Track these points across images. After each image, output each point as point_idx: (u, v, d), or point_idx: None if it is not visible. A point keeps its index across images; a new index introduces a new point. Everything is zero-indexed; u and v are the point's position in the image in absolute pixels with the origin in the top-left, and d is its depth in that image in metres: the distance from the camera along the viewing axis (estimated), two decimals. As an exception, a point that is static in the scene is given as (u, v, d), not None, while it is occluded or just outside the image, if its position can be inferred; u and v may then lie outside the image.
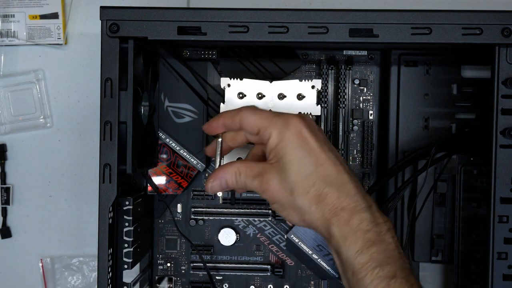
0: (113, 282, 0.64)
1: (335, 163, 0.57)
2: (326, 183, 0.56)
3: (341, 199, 0.56)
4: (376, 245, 0.55)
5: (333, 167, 0.57)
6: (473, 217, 0.70)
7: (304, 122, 0.57)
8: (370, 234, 0.55)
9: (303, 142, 0.57)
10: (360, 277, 0.54)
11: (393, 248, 0.55)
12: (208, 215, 0.76)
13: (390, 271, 0.54)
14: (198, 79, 0.73)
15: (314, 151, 0.57)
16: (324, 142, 0.58)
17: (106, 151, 0.61)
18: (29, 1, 0.80)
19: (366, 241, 0.55)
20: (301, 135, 0.57)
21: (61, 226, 0.82)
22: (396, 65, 0.72)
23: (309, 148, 0.57)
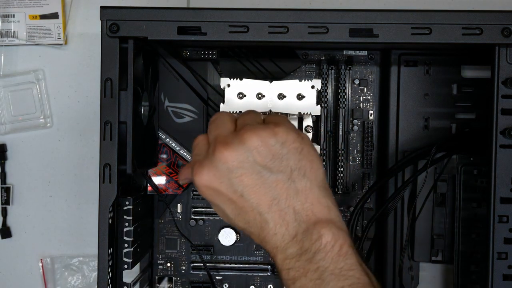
0: (113, 282, 0.64)
1: (251, 208, 0.53)
2: (247, 227, 0.55)
3: (264, 242, 0.54)
4: (300, 281, 0.52)
5: (250, 213, 0.54)
6: (473, 217, 0.70)
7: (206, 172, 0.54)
8: (293, 271, 0.52)
9: (212, 193, 0.54)
10: None
11: (319, 275, 0.51)
12: (208, 215, 0.76)
13: None
14: (198, 79, 0.73)
15: (225, 200, 0.54)
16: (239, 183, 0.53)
17: (106, 151, 0.61)
18: (29, 1, 0.80)
19: (289, 279, 0.52)
20: (207, 187, 0.54)
21: (61, 226, 0.82)
22: (396, 65, 0.72)
23: (220, 199, 0.55)
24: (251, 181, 0.53)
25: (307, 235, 0.52)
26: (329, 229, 0.52)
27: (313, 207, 0.53)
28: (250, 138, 0.53)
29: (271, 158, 0.53)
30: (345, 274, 0.51)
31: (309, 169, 0.54)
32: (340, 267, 0.51)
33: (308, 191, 0.53)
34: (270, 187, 0.53)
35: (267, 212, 0.53)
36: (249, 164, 0.53)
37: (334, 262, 0.51)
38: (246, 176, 0.53)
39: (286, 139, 0.53)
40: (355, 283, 0.50)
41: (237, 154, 0.53)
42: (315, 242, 0.52)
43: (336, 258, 0.51)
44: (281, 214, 0.53)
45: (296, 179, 0.53)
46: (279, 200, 0.53)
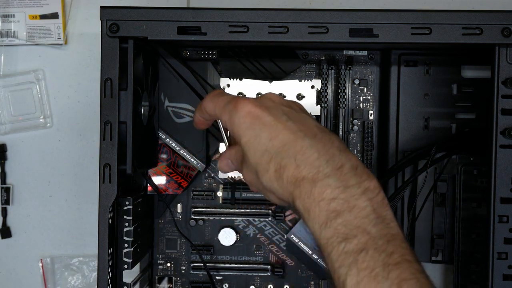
0: (113, 282, 0.64)
1: (293, 131, 0.52)
2: (283, 154, 0.51)
3: (300, 168, 0.51)
4: (343, 215, 0.48)
5: (290, 135, 0.52)
6: (473, 217, 0.70)
7: (252, 103, 0.54)
8: (335, 203, 0.49)
9: (254, 120, 0.53)
10: (327, 253, 0.48)
11: (367, 214, 0.48)
12: (208, 215, 0.76)
13: (358, 243, 0.47)
14: (198, 79, 0.73)
15: (268, 125, 0.53)
16: (282, 113, 0.54)
17: (106, 151, 0.61)
18: (29, 1, 0.80)
19: (330, 212, 0.48)
20: (251, 114, 0.53)
21: (61, 226, 0.82)
22: (396, 65, 0.72)
23: (262, 124, 0.53)
24: (298, 116, 0.54)
25: (355, 172, 0.50)
26: (374, 177, 0.50)
27: (351, 155, 0.52)
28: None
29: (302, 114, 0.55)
30: (389, 224, 0.48)
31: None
32: (383, 215, 0.49)
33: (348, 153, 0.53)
34: (315, 126, 0.53)
35: (312, 138, 0.52)
36: (295, 109, 0.55)
37: (379, 207, 0.49)
38: (292, 113, 0.54)
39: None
40: (397, 235, 0.48)
41: (280, 98, 0.56)
42: (365, 181, 0.49)
43: (380, 204, 0.49)
44: (326, 145, 0.51)
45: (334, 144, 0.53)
46: (323, 135, 0.52)
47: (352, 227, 0.48)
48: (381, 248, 0.47)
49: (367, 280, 0.46)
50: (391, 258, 0.46)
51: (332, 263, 0.48)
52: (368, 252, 0.46)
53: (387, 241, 0.47)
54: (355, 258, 0.47)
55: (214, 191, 0.76)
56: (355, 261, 0.46)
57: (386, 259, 0.46)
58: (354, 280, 0.46)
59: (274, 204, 0.75)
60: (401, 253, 0.47)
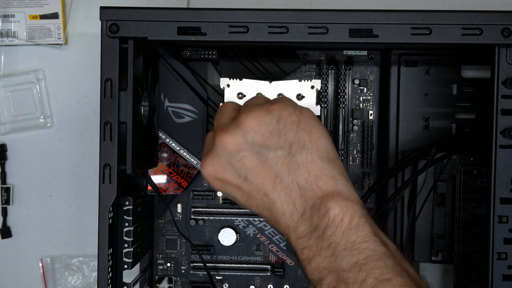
0: (113, 282, 0.64)
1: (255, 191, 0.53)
2: (261, 214, 0.54)
3: (276, 225, 0.53)
4: (314, 260, 0.50)
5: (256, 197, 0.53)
6: (473, 217, 0.70)
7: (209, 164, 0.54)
8: (307, 251, 0.51)
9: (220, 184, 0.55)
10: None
11: (332, 252, 0.49)
12: (208, 215, 0.76)
13: (330, 283, 0.49)
14: (198, 79, 0.73)
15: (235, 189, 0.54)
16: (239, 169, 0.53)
17: (106, 151, 0.61)
18: (29, 1, 0.80)
19: (304, 259, 0.51)
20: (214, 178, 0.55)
21: (61, 226, 0.82)
22: (396, 65, 0.72)
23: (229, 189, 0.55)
24: (252, 163, 0.52)
25: (315, 210, 0.50)
26: (335, 202, 0.50)
27: (317, 180, 0.51)
28: (245, 120, 0.53)
29: (268, 135, 0.52)
30: (358, 248, 0.48)
31: (308, 140, 0.52)
32: (352, 241, 0.49)
33: (310, 164, 0.52)
34: (271, 165, 0.52)
35: (272, 191, 0.52)
36: (248, 145, 0.52)
37: (346, 236, 0.49)
38: (246, 158, 0.52)
39: (281, 114, 0.53)
40: (370, 256, 0.48)
41: (235, 137, 0.53)
42: (323, 217, 0.50)
43: (347, 231, 0.49)
44: (287, 191, 0.51)
45: (295, 153, 0.52)
46: (282, 177, 0.52)
47: (322, 269, 0.49)
48: (352, 280, 0.47)
49: None
50: (364, 286, 0.47)
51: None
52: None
53: (358, 270, 0.47)
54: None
55: (214, 191, 0.76)
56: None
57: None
58: None
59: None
60: (376, 275, 0.47)
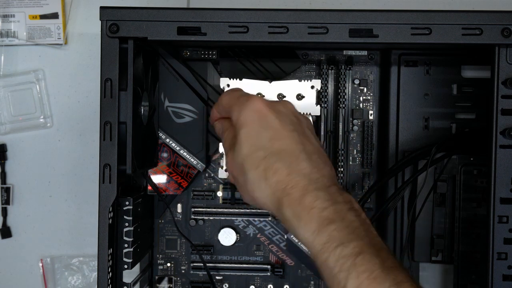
0: (113, 282, 0.64)
1: (295, 141, 0.54)
2: (278, 157, 0.53)
3: (292, 176, 0.52)
4: (335, 223, 0.49)
5: (291, 144, 0.54)
6: (473, 217, 0.70)
7: (265, 102, 0.56)
8: (327, 211, 0.50)
9: (262, 118, 0.55)
10: (323, 259, 0.49)
11: (357, 226, 0.50)
12: (208, 215, 0.76)
13: (355, 247, 0.48)
14: (198, 79, 0.73)
15: (273, 127, 0.55)
16: (290, 123, 0.56)
17: (106, 151, 0.61)
18: (29, 1, 0.80)
19: (322, 219, 0.49)
20: (260, 111, 0.56)
21: (61, 226, 0.82)
22: (396, 65, 0.72)
23: (267, 124, 0.55)
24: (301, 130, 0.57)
25: (341, 193, 0.52)
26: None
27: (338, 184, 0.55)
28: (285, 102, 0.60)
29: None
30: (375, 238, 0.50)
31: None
32: (370, 231, 0.51)
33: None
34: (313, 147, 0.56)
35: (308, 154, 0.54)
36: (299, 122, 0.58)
37: (365, 224, 0.51)
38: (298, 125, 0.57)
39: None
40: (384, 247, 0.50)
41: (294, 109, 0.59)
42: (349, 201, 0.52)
43: (365, 222, 0.51)
44: (318, 166, 0.54)
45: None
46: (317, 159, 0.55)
47: (346, 233, 0.49)
48: (376, 254, 0.48)
49: (368, 282, 0.47)
50: (385, 263, 0.48)
51: (330, 269, 0.48)
52: (365, 256, 0.48)
53: (378, 249, 0.49)
54: (353, 261, 0.47)
55: (214, 191, 0.76)
56: (353, 265, 0.47)
57: (382, 263, 0.48)
58: (355, 283, 0.47)
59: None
60: (392, 260, 0.49)
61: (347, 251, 0.48)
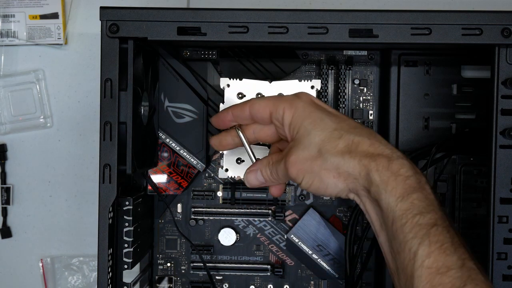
0: (113, 282, 0.64)
1: (356, 123, 0.58)
2: (354, 133, 0.56)
3: (375, 146, 0.55)
4: (417, 192, 0.52)
5: (354, 123, 0.57)
6: (473, 217, 0.70)
7: (311, 95, 0.60)
8: (411, 180, 0.53)
9: (319, 107, 0.58)
10: (400, 224, 0.52)
11: (433, 198, 0.53)
12: (208, 215, 0.76)
13: (431, 218, 0.51)
14: (198, 79, 0.73)
15: (332, 114, 0.58)
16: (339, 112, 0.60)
17: (106, 151, 0.61)
18: (29, 1, 0.80)
19: (407, 187, 0.52)
20: (314, 102, 0.59)
21: (61, 226, 0.82)
22: (396, 65, 0.72)
23: (327, 112, 0.58)
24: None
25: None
26: None
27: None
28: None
29: None
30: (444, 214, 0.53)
31: None
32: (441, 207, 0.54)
33: None
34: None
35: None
36: None
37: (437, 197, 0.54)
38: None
39: None
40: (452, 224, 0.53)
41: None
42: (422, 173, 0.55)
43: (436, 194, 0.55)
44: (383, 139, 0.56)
45: None
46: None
47: (426, 204, 0.52)
48: (447, 229, 0.52)
49: (438, 252, 0.50)
50: (454, 239, 0.51)
51: (405, 234, 0.51)
52: (438, 228, 0.51)
53: (449, 225, 0.52)
54: (427, 231, 0.51)
55: (214, 191, 0.76)
56: (427, 234, 0.51)
57: (451, 238, 0.51)
58: (426, 251, 0.50)
59: (274, 204, 0.75)
60: (460, 238, 0.52)
61: (424, 220, 0.51)
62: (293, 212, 0.75)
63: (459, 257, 0.50)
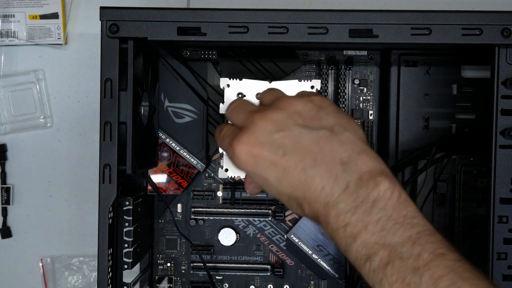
0: (113, 282, 0.64)
1: (293, 167, 0.51)
2: (294, 195, 0.52)
3: (312, 204, 0.51)
4: (360, 237, 0.48)
5: (293, 174, 0.51)
6: (473, 217, 0.70)
7: (246, 142, 0.53)
8: (350, 227, 0.48)
9: (255, 161, 0.53)
10: (359, 272, 0.49)
11: (383, 226, 0.47)
12: (208, 215, 0.76)
13: (382, 259, 0.47)
14: (198, 79, 0.73)
15: (269, 165, 0.52)
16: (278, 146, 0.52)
17: (106, 152, 0.61)
18: (29, 1, 0.80)
19: (347, 237, 0.49)
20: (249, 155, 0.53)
21: (61, 226, 0.82)
22: (396, 65, 0.72)
23: (264, 165, 0.52)
24: (292, 140, 0.52)
25: (361, 184, 0.49)
26: (385, 176, 0.49)
27: (361, 156, 0.50)
28: (289, 105, 0.54)
29: (310, 119, 0.53)
30: (410, 222, 0.48)
31: (349, 125, 0.53)
32: (403, 215, 0.48)
33: (353, 143, 0.51)
34: (313, 143, 0.51)
35: (312, 166, 0.50)
36: (289, 125, 0.52)
37: (396, 210, 0.48)
38: (286, 137, 0.52)
39: (322, 103, 0.54)
40: (422, 231, 0.47)
41: (276, 118, 0.53)
42: (372, 190, 0.48)
43: (397, 205, 0.48)
44: (328, 167, 0.50)
45: (338, 132, 0.52)
46: (323, 154, 0.51)
47: (371, 245, 0.47)
48: (406, 255, 0.46)
49: None
50: (419, 261, 0.46)
51: (367, 280, 0.48)
52: (394, 264, 0.46)
53: (412, 244, 0.47)
54: (383, 273, 0.46)
55: (214, 191, 0.76)
56: (384, 276, 0.46)
57: (414, 264, 0.46)
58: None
59: (273, 204, 0.75)
60: (431, 249, 0.46)
61: (374, 264, 0.47)
62: (293, 212, 0.75)
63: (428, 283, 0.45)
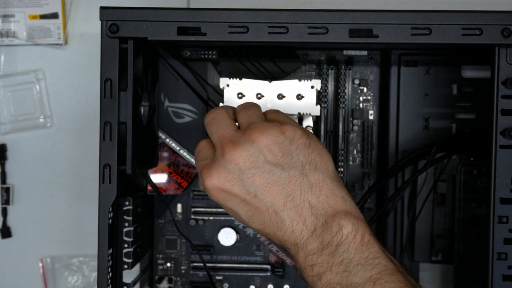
0: (113, 282, 0.64)
1: (265, 207, 0.53)
2: (265, 231, 0.54)
3: (283, 242, 0.53)
4: (325, 277, 0.51)
5: (263, 214, 0.53)
6: (473, 217, 0.70)
7: (217, 176, 0.54)
8: (317, 267, 0.51)
9: (226, 196, 0.54)
10: None
11: (345, 267, 0.51)
12: (208, 215, 0.76)
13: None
14: (198, 79, 0.73)
15: (240, 203, 0.54)
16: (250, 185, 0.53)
17: (106, 152, 0.61)
18: (29, 1, 0.80)
19: (314, 276, 0.51)
20: (219, 189, 0.54)
21: (61, 226, 0.82)
22: (396, 65, 0.72)
23: (234, 202, 0.54)
24: (264, 180, 0.53)
25: (327, 228, 0.52)
26: (348, 219, 0.52)
27: (329, 199, 0.53)
28: (259, 137, 0.53)
29: (281, 155, 0.53)
30: (372, 263, 0.50)
31: (319, 161, 0.54)
32: (365, 257, 0.51)
33: (322, 184, 0.53)
34: (284, 184, 0.53)
35: (283, 209, 0.52)
36: (261, 163, 0.53)
37: (358, 252, 0.51)
38: (258, 176, 0.53)
39: (293, 135, 0.54)
40: (383, 271, 0.50)
41: (248, 154, 0.53)
42: (336, 234, 0.51)
43: (359, 247, 0.51)
44: (297, 210, 0.52)
45: (308, 173, 0.53)
46: (294, 196, 0.53)
47: (334, 284, 0.50)
48: None
49: None
50: None
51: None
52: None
53: (372, 284, 0.49)
54: None
55: (214, 191, 0.76)
56: None
57: None
58: None
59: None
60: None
61: None
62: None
63: None
